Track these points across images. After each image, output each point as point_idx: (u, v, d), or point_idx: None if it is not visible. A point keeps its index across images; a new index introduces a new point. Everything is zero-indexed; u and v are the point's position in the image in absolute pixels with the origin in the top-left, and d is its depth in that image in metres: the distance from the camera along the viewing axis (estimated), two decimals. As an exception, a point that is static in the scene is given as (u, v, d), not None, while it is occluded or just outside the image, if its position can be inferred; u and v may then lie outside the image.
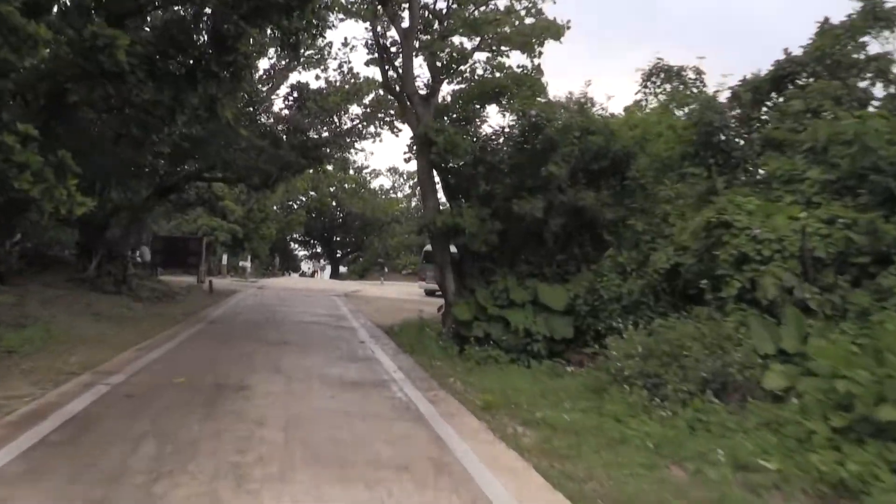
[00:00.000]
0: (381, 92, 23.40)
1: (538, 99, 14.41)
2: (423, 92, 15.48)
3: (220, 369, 9.55)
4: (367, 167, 65.61)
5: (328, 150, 25.22)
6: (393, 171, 67.27)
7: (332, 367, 10.42)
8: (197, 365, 9.89)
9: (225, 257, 42.84)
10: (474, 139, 14.17)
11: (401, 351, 12.93)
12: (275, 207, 56.96)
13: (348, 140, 25.93)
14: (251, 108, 21.35)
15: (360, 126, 26.36)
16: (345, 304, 25.59)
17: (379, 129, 26.65)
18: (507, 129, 14.19)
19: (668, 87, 17.03)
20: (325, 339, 14.07)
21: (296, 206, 60.77)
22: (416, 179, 70.06)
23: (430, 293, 36.55)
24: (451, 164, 14.08)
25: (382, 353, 12.45)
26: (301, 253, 71.17)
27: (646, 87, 17.42)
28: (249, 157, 21.34)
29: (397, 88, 16.34)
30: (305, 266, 69.82)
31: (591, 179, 12.99)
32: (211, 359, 10.51)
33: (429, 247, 39.49)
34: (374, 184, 68.56)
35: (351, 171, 64.41)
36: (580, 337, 11.66)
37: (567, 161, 12.64)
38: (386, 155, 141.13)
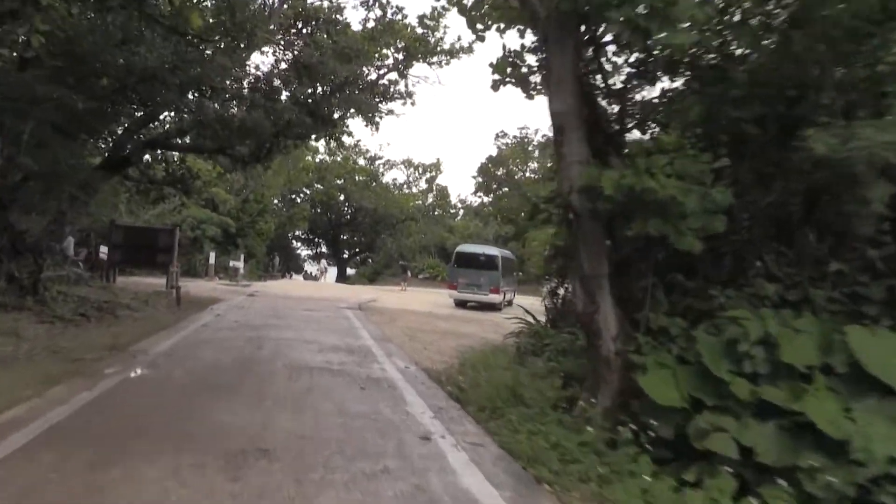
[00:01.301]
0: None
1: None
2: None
3: None
4: (380, 157, 58.82)
5: (345, 108, 18.16)
6: (408, 163, 60.33)
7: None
8: None
9: (213, 256, 35.84)
10: None
11: (516, 466, 5.86)
12: (275, 201, 50.10)
13: (373, 98, 18.84)
14: (231, 39, 14.25)
15: (387, 81, 19.33)
16: (363, 322, 18.58)
17: (412, 86, 19.66)
18: None
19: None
20: (346, 431, 6.83)
21: (299, 200, 53.85)
22: (433, 173, 63.54)
23: (461, 303, 29.78)
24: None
25: (489, 492, 5.34)
26: (304, 252, 64.22)
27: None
28: (228, 115, 14.41)
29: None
30: (311, 267, 62.75)
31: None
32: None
33: (464, 247, 32.37)
34: (387, 177, 61.68)
35: (362, 161, 57.65)
36: None
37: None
38: (400, 145, 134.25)
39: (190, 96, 14.66)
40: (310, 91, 16.25)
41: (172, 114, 17.86)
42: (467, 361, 12.25)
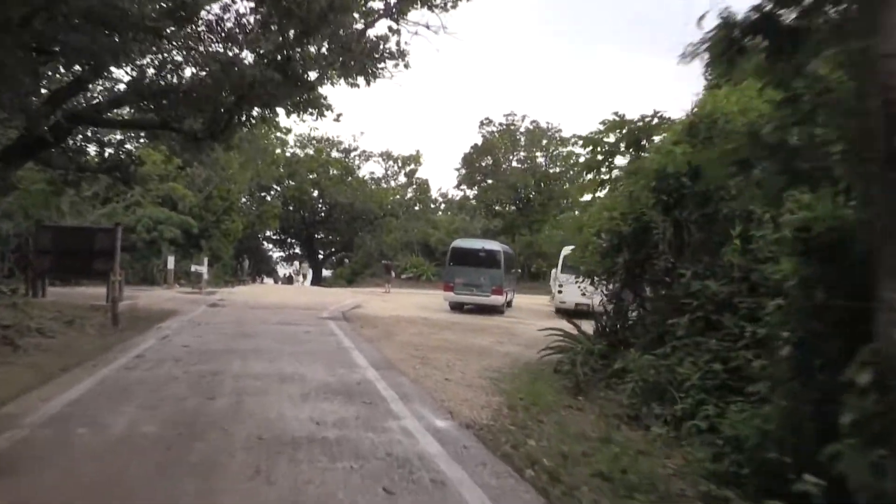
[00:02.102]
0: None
1: None
2: None
3: None
4: (355, 149, 54.74)
5: (325, 64, 14.08)
6: (386, 155, 56.25)
7: None
8: None
9: (171, 260, 31.53)
10: None
11: None
12: (243, 199, 45.82)
13: (359, 57, 14.72)
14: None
15: (375, 37, 15.29)
16: (354, 339, 14.70)
17: (406, 43, 15.79)
18: None
19: None
20: None
21: (269, 198, 49.60)
22: (412, 166, 59.52)
23: (456, 306, 25.95)
24: None
25: None
26: (276, 254, 59.80)
27: None
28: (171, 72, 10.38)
29: None
30: (288, 269, 58.26)
31: None
32: None
33: (461, 242, 28.46)
34: (364, 171, 57.55)
35: (336, 153, 53.54)
36: None
37: None
38: (375, 136, 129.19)
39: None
40: (280, 38, 12.26)
41: (103, 80, 13.68)
42: (516, 402, 8.56)
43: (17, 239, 22.72)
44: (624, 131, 12.39)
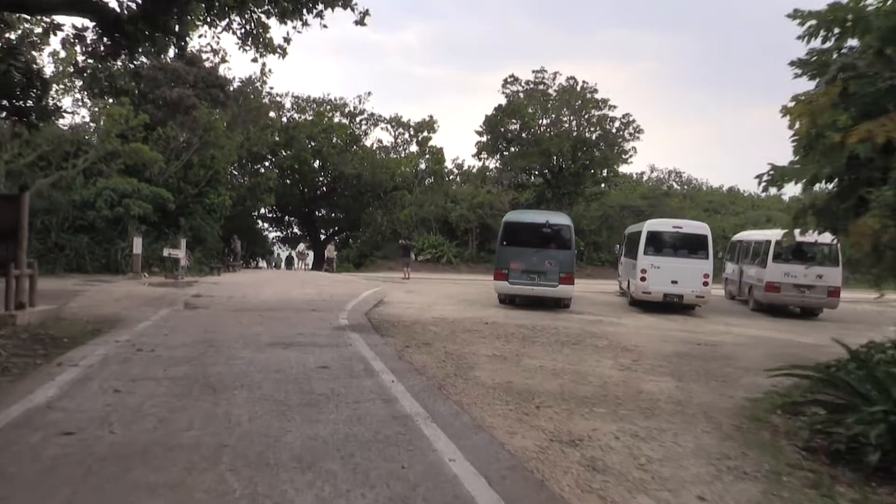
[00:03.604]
0: None
1: None
2: None
3: None
4: (361, 112, 47.85)
5: None
6: (395, 121, 49.30)
7: None
8: None
9: (138, 243, 24.91)
10: None
11: None
12: (233, 170, 39.12)
13: None
14: None
15: None
16: (405, 380, 8.07)
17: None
18: None
19: None
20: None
21: (262, 169, 42.81)
22: (425, 133, 52.49)
23: (507, 299, 20.32)
24: None
25: None
26: (272, 234, 53.02)
27: None
28: None
29: None
30: (288, 252, 51.30)
31: None
32: None
33: (517, 215, 21.75)
34: (371, 138, 50.64)
35: (338, 118, 46.67)
36: None
37: None
38: (383, 99, 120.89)
39: None
40: None
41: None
42: None
43: None
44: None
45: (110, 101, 26.98)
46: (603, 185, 48.94)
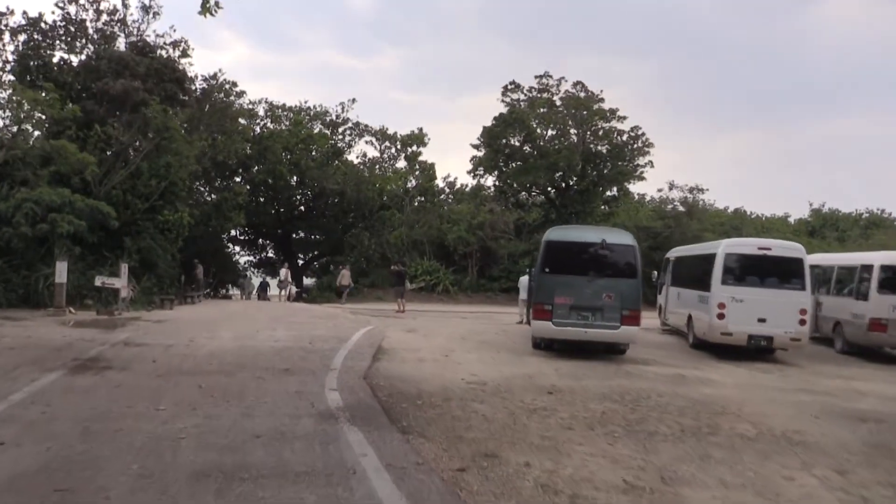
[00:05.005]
0: None
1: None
2: None
3: None
4: (344, 121, 42.68)
5: None
6: (381, 134, 44.17)
7: None
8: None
9: (62, 270, 19.41)
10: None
11: None
12: (198, 185, 33.79)
13: None
14: None
15: None
16: None
17: None
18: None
19: None
20: None
21: (232, 185, 37.40)
22: (414, 147, 47.27)
23: (542, 343, 15.33)
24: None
25: None
26: (243, 258, 47.30)
27: None
28: None
29: None
30: (264, 278, 45.25)
31: None
32: None
33: (564, 232, 14.37)
34: (354, 152, 45.45)
35: (320, 127, 41.61)
36: None
37: None
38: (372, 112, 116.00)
39: None
40: None
41: None
42: None
43: None
44: None
45: (43, 94, 21.71)
46: (605, 205, 43.87)
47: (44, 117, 19.91)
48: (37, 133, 22.27)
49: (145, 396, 8.25)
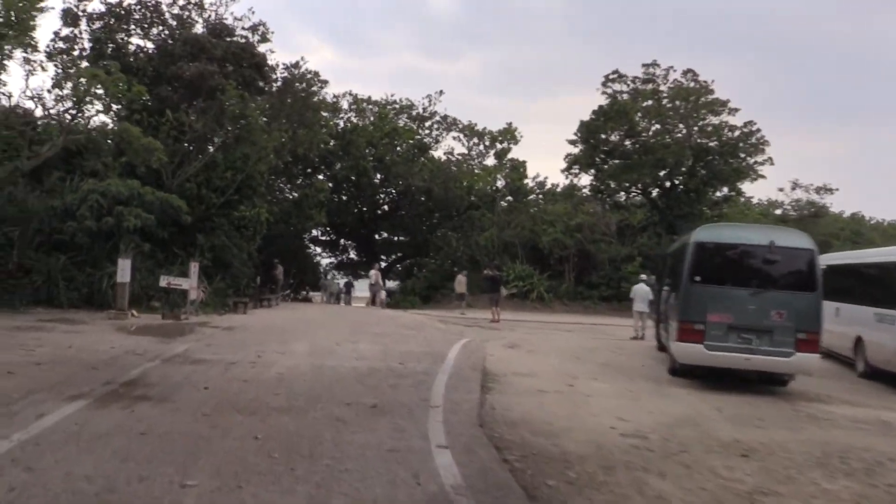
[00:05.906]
0: None
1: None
2: None
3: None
4: (431, 115, 40.21)
5: None
6: (469, 130, 41.50)
7: None
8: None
9: (126, 268, 17.47)
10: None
11: None
12: (278, 181, 31.98)
13: None
14: None
15: None
16: None
17: None
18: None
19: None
20: None
21: (314, 181, 35.40)
22: (504, 144, 44.34)
23: (682, 370, 12.22)
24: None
25: None
26: (325, 260, 45.38)
27: None
28: None
29: None
30: (348, 279, 42.45)
31: None
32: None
33: (710, 232, 11.46)
34: (441, 149, 42.83)
35: (403, 121, 39.26)
36: None
37: None
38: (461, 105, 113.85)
39: None
40: None
41: None
42: None
43: None
44: None
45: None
46: (708, 209, 39.52)
47: (105, 96, 18.00)
48: (105, 119, 20.54)
49: (176, 454, 5.69)
